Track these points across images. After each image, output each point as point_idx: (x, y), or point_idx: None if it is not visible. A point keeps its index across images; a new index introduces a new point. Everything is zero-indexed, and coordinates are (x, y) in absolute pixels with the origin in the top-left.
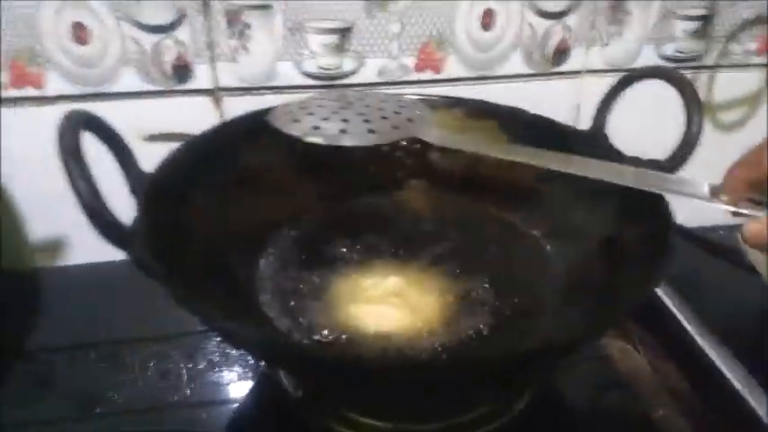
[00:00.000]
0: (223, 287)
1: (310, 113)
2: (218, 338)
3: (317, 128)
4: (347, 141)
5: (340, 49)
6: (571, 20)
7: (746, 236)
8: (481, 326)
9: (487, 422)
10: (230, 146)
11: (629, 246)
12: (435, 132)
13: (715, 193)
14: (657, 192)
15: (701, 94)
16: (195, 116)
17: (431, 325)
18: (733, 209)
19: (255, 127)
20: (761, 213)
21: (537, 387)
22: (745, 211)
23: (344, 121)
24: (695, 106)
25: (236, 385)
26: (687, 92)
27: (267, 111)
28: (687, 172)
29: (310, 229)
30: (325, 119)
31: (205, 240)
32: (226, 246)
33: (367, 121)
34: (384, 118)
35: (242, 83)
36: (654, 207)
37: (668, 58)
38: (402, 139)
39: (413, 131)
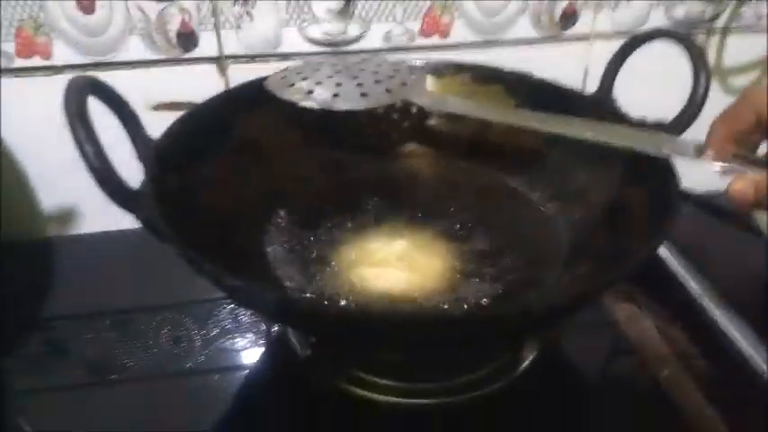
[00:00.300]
0: (231, 251)
1: (305, 78)
2: (231, 305)
3: (310, 92)
4: (339, 105)
5: (345, 14)
6: None
7: (732, 194)
8: (486, 287)
9: (492, 382)
10: (234, 114)
11: (634, 208)
12: (428, 96)
13: (700, 151)
14: (645, 151)
15: (712, 58)
16: (201, 84)
17: (436, 287)
18: (720, 165)
19: (258, 95)
20: (747, 170)
21: (543, 348)
22: (728, 166)
23: (338, 85)
24: (702, 67)
25: (248, 351)
26: (693, 52)
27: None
28: (699, 137)
29: (317, 194)
30: (318, 83)
31: (212, 206)
32: (232, 212)
33: (360, 85)
34: (377, 82)
35: (247, 50)
36: (658, 169)
37: (678, 21)
38: (394, 103)
39: (405, 95)
